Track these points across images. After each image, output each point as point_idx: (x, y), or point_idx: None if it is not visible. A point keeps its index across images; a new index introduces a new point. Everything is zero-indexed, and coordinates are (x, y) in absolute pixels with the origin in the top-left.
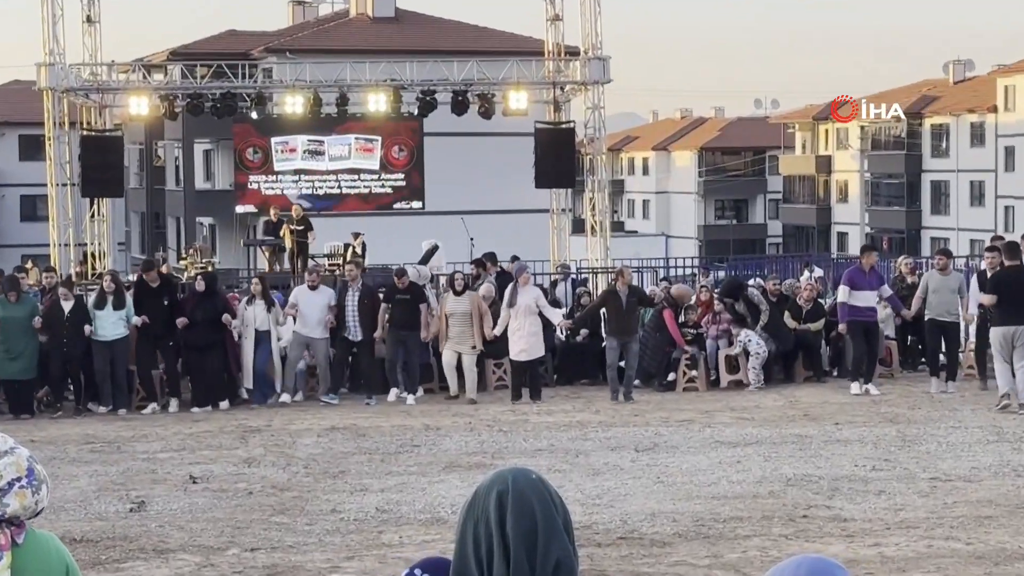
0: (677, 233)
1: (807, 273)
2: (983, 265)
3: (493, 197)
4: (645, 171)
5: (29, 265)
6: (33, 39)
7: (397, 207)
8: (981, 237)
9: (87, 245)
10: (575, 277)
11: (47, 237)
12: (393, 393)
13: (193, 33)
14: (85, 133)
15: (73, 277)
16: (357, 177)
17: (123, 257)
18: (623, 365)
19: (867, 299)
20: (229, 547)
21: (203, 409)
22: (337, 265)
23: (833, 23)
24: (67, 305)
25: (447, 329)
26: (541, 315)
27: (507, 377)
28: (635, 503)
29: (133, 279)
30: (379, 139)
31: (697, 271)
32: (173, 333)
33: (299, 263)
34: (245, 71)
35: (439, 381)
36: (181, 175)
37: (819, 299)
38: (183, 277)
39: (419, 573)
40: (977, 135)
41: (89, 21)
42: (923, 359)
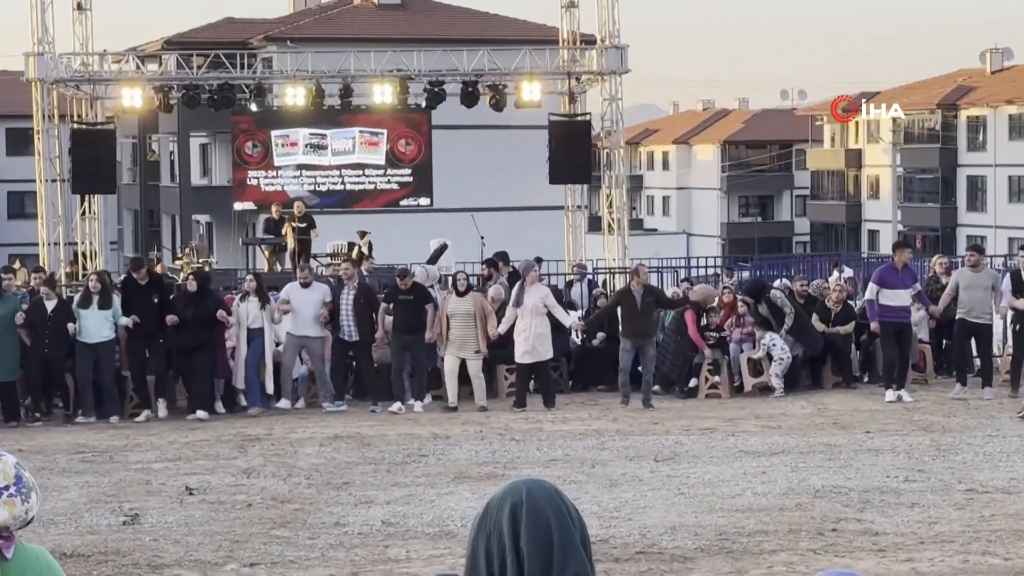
0: (699, 231)
1: (836, 273)
2: (1019, 264)
3: (505, 193)
4: (665, 166)
5: (17, 265)
6: (21, 27)
7: (404, 204)
8: (1020, 235)
9: (78, 244)
10: (591, 278)
11: (36, 236)
12: (397, 405)
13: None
14: (76, 126)
15: (57, 275)
16: (362, 172)
17: (115, 257)
18: (640, 370)
19: (900, 298)
20: (227, 562)
21: (198, 414)
22: (351, 261)
23: (863, 9)
24: (49, 305)
25: (447, 332)
26: (552, 316)
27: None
28: (655, 516)
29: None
30: (385, 132)
31: (720, 271)
32: (163, 333)
33: (301, 263)
34: (244, 61)
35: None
36: (176, 170)
37: (849, 301)
38: (179, 278)
39: None
40: (1016, 127)
41: (80, 8)
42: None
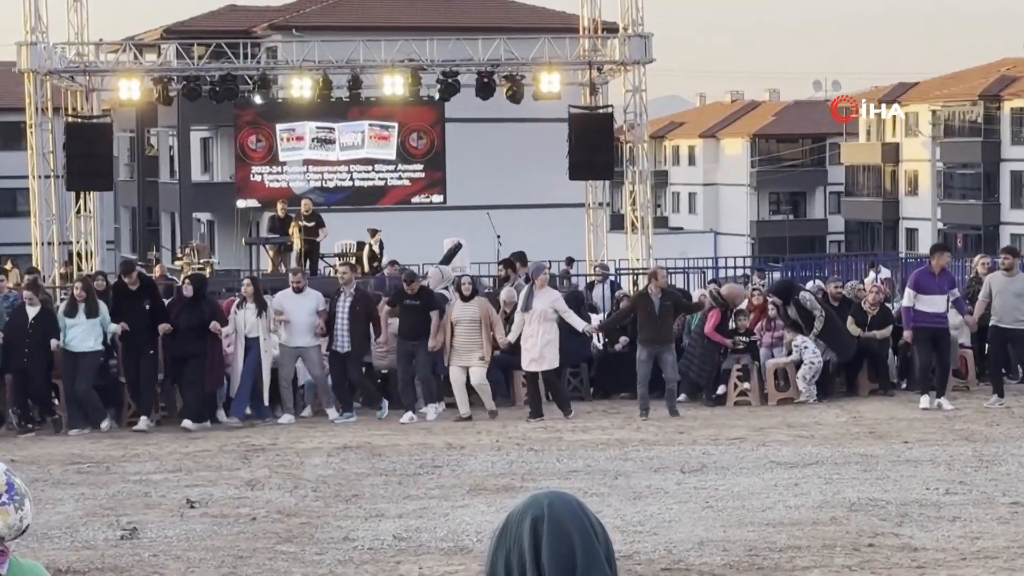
0: (727, 230)
1: (872, 274)
2: None
3: (522, 190)
4: (691, 161)
5: (8, 266)
6: (13, 16)
7: (416, 201)
8: None
9: (72, 244)
10: (614, 279)
11: (28, 235)
12: (408, 415)
13: (189, 8)
14: (70, 120)
15: (52, 276)
16: (371, 168)
17: (112, 257)
18: (664, 377)
19: (936, 304)
20: None
21: (184, 424)
22: (349, 266)
23: None
24: (32, 311)
25: (451, 339)
26: (566, 322)
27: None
28: (681, 530)
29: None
30: (396, 126)
31: (750, 272)
32: (154, 342)
33: (308, 264)
34: (247, 51)
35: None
36: (176, 166)
37: (886, 303)
38: (179, 279)
39: None
40: None
41: None
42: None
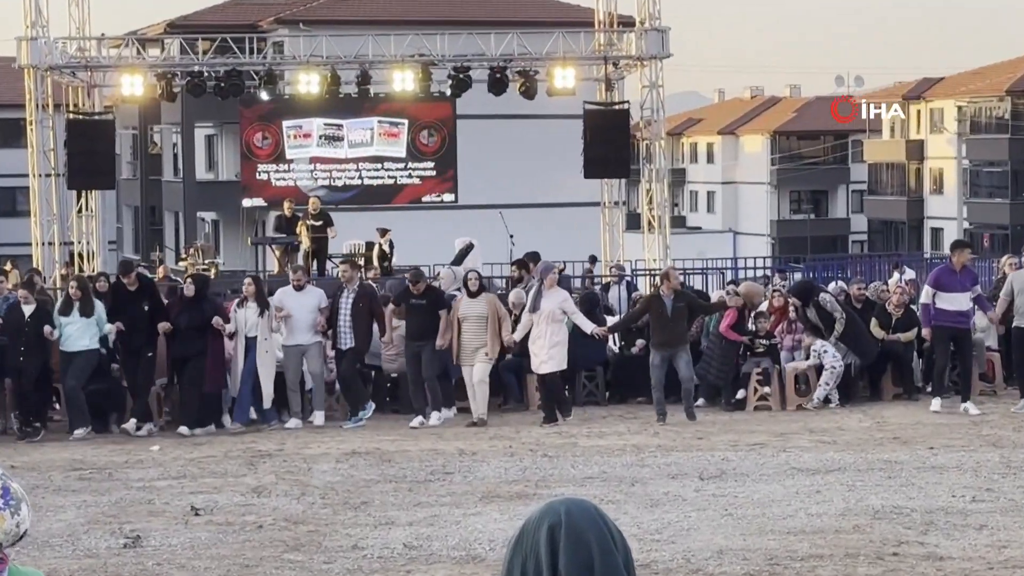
0: (746, 229)
1: (896, 275)
2: None
3: (536, 189)
4: (710, 158)
5: (8, 267)
6: (12, 10)
7: (426, 200)
8: None
9: (74, 244)
10: (630, 280)
11: (28, 235)
12: (417, 420)
13: (194, 2)
14: (71, 116)
15: (52, 277)
16: (381, 166)
17: (114, 258)
18: (681, 379)
19: (957, 302)
20: None
21: (179, 430)
22: (351, 263)
23: None
24: (27, 310)
25: (459, 337)
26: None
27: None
28: (700, 538)
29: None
30: (406, 123)
31: (770, 273)
32: (152, 345)
33: (316, 264)
34: (253, 45)
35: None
36: (180, 164)
37: (911, 305)
38: (183, 280)
39: None
40: None
41: None
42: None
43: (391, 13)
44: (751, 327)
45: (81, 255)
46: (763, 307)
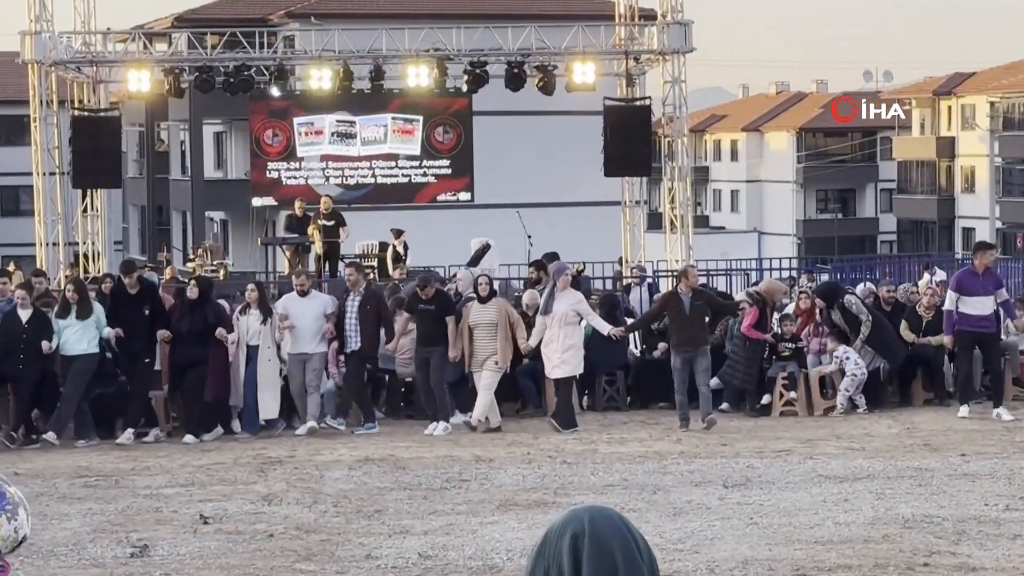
0: (771, 229)
1: (927, 276)
2: None
3: (555, 187)
4: (734, 156)
5: (12, 268)
6: (16, 4)
7: (441, 199)
8: None
9: (79, 244)
10: (652, 281)
11: (32, 235)
12: (432, 425)
13: None
14: (77, 113)
15: (56, 279)
16: (394, 164)
17: (120, 258)
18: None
19: (981, 306)
20: None
21: (185, 439)
22: (371, 268)
23: None
24: (24, 314)
25: (471, 345)
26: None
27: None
28: (724, 548)
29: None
30: (420, 119)
31: (796, 274)
32: (151, 350)
33: (328, 266)
34: (263, 39)
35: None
36: (188, 162)
37: (942, 307)
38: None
39: None
40: None
41: None
42: None
43: (405, 6)
44: (776, 329)
45: (86, 256)
46: (789, 309)
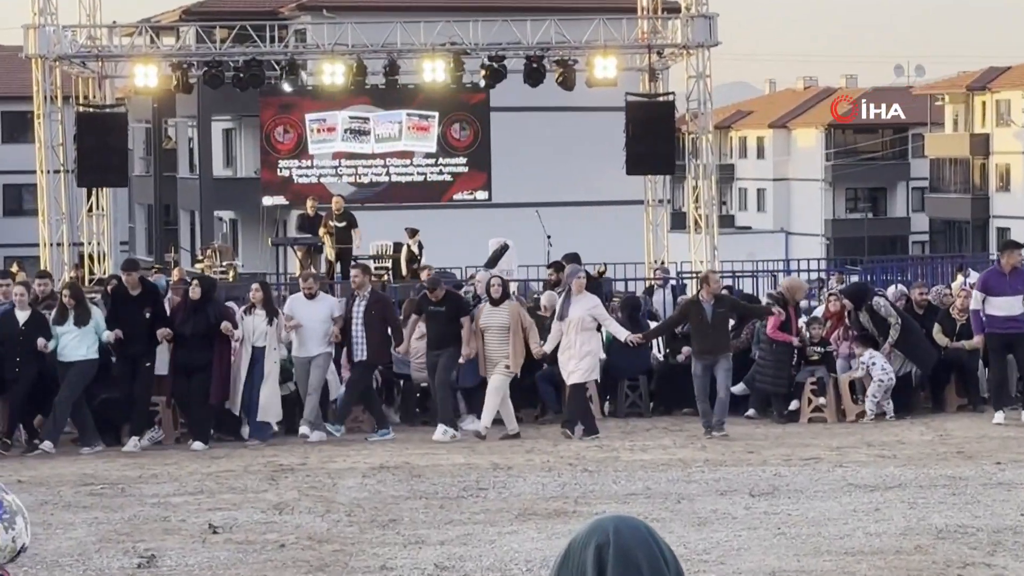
0: (799, 229)
1: (960, 278)
2: None
3: (575, 186)
4: (760, 154)
5: (14, 269)
6: None
7: (458, 198)
8: None
9: (84, 245)
10: (675, 283)
11: (36, 235)
12: (440, 430)
13: None
14: (81, 109)
15: (59, 280)
16: (409, 162)
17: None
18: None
19: (1008, 307)
20: None
21: (193, 446)
22: (385, 270)
23: None
24: (22, 316)
25: (483, 348)
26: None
27: (592, 402)
28: (751, 560)
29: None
30: (436, 116)
31: (825, 276)
32: (152, 354)
33: (340, 268)
34: (273, 33)
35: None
36: (196, 160)
37: None
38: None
39: None
40: None
41: None
42: None
43: None
44: (802, 328)
45: (91, 256)
46: (818, 312)
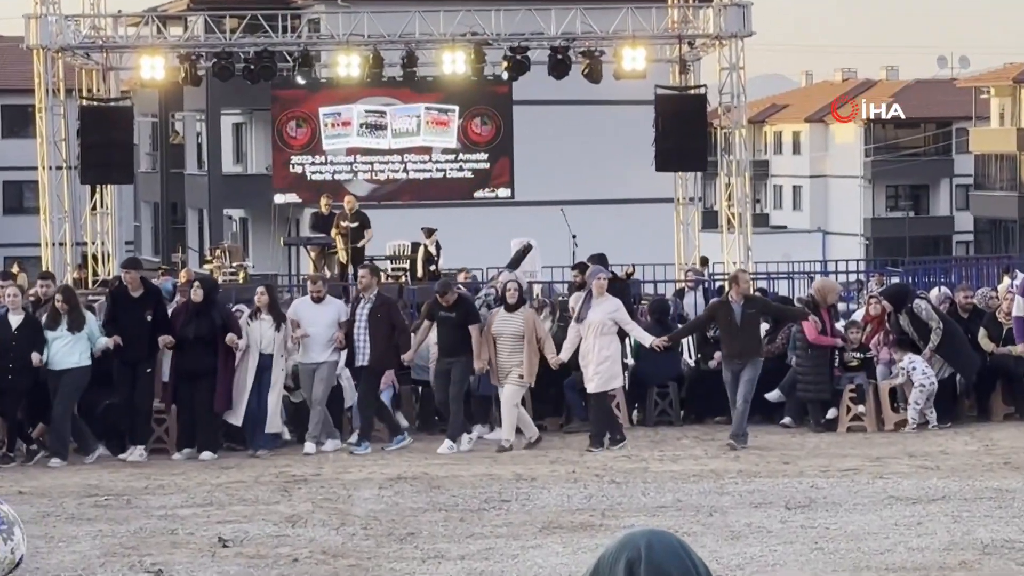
0: (837, 229)
1: (1007, 280)
2: None
3: (601, 183)
4: (796, 149)
5: (15, 269)
6: None
7: (479, 196)
8: None
9: (87, 244)
10: (708, 285)
11: (37, 234)
12: (446, 445)
13: None
14: (85, 103)
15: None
16: (428, 158)
17: None
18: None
19: None
20: None
21: (202, 456)
22: (403, 271)
23: None
24: (15, 320)
25: (495, 356)
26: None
27: (619, 411)
28: (786, 575)
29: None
30: (456, 109)
31: (864, 277)
32: (153, 358)
33: (352, 269)
34: (286, 23)
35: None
36: (205, 156)
37: None
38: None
39: None
40: None
41: None
42: None
43: None
44: (840, 329)
45: (95, 257)
46: (857, 316)
